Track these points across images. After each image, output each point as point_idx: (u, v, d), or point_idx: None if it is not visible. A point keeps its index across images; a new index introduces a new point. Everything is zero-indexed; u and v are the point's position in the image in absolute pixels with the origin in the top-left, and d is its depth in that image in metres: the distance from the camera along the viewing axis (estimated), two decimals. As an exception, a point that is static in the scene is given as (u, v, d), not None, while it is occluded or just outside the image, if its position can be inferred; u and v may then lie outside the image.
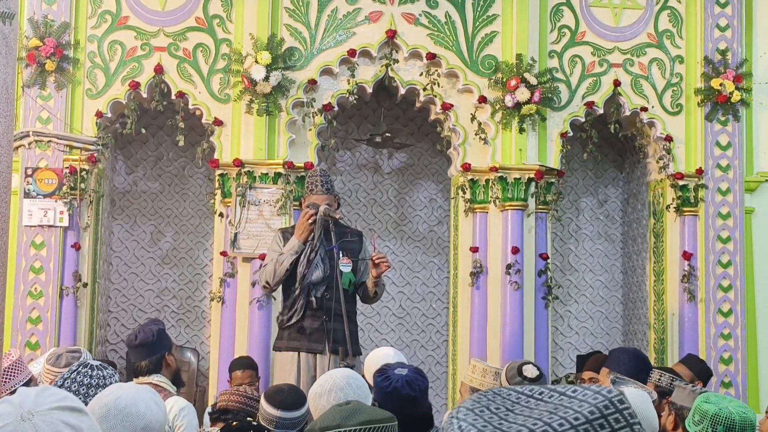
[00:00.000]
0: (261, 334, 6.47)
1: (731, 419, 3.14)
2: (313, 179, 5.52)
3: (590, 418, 1.18)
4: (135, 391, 2.63)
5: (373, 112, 7.85)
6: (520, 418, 1.19)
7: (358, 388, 3.39)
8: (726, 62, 7.09)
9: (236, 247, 6.58)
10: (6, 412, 1.69)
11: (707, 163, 7.08)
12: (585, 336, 8.02)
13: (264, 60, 6.51)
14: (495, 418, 1.20)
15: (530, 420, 1.18)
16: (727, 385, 6.96)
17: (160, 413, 2.64)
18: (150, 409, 2.59)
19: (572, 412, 1.19)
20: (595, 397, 1.21)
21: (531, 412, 1.20)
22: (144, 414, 2.56)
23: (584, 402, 1.20)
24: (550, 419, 1.17)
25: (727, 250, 7.04)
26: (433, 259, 8.01)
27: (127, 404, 2.54)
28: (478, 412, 1.22)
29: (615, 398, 1.21)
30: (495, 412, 1.22)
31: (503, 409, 1.22)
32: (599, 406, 1.19)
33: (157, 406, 2.63)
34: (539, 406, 1.21)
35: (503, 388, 1.28)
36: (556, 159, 6.94)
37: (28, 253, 6.45)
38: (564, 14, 7.07)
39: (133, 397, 2.59)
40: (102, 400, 2.56)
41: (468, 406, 1.23)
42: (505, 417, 1.20)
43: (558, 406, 1.20)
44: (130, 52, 6.68)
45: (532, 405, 1.22)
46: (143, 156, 7.77)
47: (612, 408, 1.19)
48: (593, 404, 1.19)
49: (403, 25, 6.87)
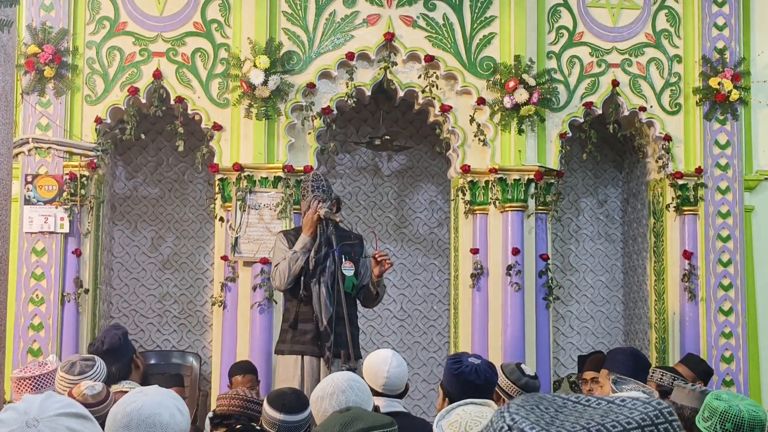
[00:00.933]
0: (263, 337, 6.48)
1: (740, 417, 3.12)
2: (311, 184, 5.56)
3: (642, 424, 1.21)
4: (159, 399, 2.53)
5: (372, 115, 7.86)
6: (571, 417, 1.21)
7: (360, 391, 3.40)
8: (724, 61, 7.10)
9: (237, 251, 6.59)
10: (11, 419, 1.70)
11: (706, 162, 7.09)
12: (586, 336, 8.02)
13: (262, 64, 6.52)
14: (546, 415, 1.23)
15: (582, 419, 1.21)
16: (729, 384, 6.97)
17: (183, 421, 2.55)
18: (174, 418, 2.50)
19: (624, 416, 1.21)
20: (645, 407, 1.24)
21: (581, 414, 1.23)
22: (168, 424, 2.47)
23: (635, 410, 1.23)
24: (603, 420, 1.20)
25: (727, 249, 7.05)
26: (433, 261, 8.02)
27: (150, 414, 2.45)
28: (529, 409, 1.24)
29: (665, 410, 1.23)
30: (545, 410, 1.24)
31: (552, 410, 1.24)
32: (650, 415, 1.22)
33: (180, 414, 2.54)
34: (587, 411, 1.24)
35: (547, 394, 1.30)
36: (556, 160, 6.95)
37: (29, 260, 6.45)
38: (562, 15, 7.08)
39: (157, 406, 2.49)
40: (125, 408, 2.47)
41: (518, 403, 1.25)
42: (556, 416, 1.23)
43: (608, 411, 1.23)
44: (129, 57, 6.69)
45: (580, 409, 1.24)
46: (143, 161, 7.78)
47: (662, 418, 1.22)
48: (644, 412, 1.22)
49: (401, 28, 6.88)
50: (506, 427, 1.20)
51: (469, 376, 3.52)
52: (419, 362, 7.91)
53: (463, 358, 3.64)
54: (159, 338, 7.68)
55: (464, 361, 3.60)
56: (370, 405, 3.40)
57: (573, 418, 1.22)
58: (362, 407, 3.29)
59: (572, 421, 1.21)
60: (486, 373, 3.57)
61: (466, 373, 3.53)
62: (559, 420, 1.21)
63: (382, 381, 4.01)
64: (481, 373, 3.55)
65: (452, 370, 3.59)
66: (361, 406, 3.28)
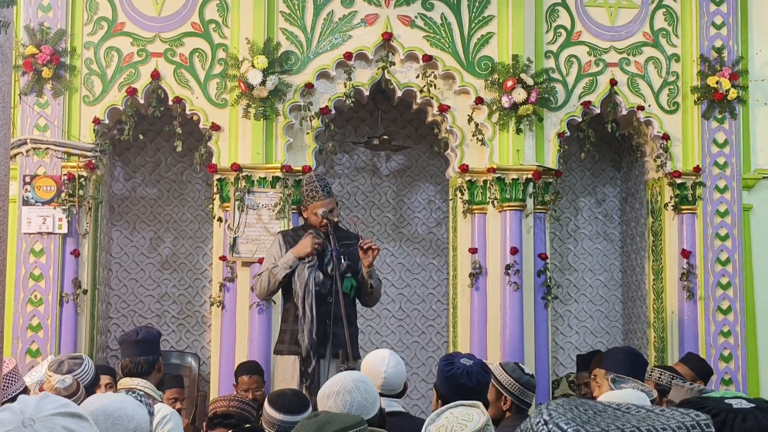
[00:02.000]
0: (261, 338, 6.48)
1: None
2: (312, 186, 5.55)
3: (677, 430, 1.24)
4: (118, 397, 2.71)
5: (370, 115, 7.86)
6: (609, 420, 1.25)
7: (366, 392, 3.40)
8: (722, 60, 7.10)
9: (235, 251, 6.59)
10: (7, 419, 1.70)
11: (705, 160, 7.09)
12: (585, 335, 8.02)
13: (260, 64, 6.52)
14: (583, 415, 1.26)
15: (619, 422, 1.24)
16: (728, 383, 6.97)
17: (145, 414, 2.70)
18: (137, 411, 2.64)
19: (660, 423, 1.24)
20: (683, 417, 1.27)
21: (618, 419, 1.26)
22: (133, 416, 2.60)
23: (672, 419, 1.26)
24: (639, 424, 1.23)
25: (725, 248, 7.05)
26: (432, 261, 8.02)
27: (115, 409, 2.59)
28: (567, 408, 1.27)
29: (702, 421, 1.27)
30: (583, 411, 1.28)
31: (591, 412, 1.28)
32: (687, 424, 1.25)
33: (141, 408, 2.70)
34: (625, 416, 1.27)
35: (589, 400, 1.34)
36: (554, 159, 6.95)
37: (27, 261, 6.45)
38: (559, 14, 7.08)
39: (119, 401, 2.66)
40: (88, 408, 2.58)
41: (557, 402, 1.29)
42: (593, 417, 1.26)
43: (645, 417, 1.26)
44: (127, 58, 6.68)
45: (618, 415, 1.28)
46: (141, 162, 7.77)
47: (698, 429, 1.25)
48: (680, 421, 1.25)
49: (399, 28, 6.88)
50: (542, 422, 1.24)
51: (460, 379, 3.52)
52: (418, 362, 7.91)
53: (455, 360, 3.64)
54: (158, 339, 7.67)
55: (456, 363, 3.60)
56: (376, 407, 3.39)
57: (610, 420, 1.25)
58: (368, 408, 3.29)
59: (608, 422, 1.24)
60: (478, 375, 3.57)
61: (457, 375, 3.53)
62: (595, 421, 1.24)
63: (379, 381, 4.01)
64: (473, 375, 3.55)
65: (444, 372, 3.59)
66: (366, 407, 3.28)
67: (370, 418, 3.26)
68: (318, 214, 5.44)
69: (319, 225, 5.49)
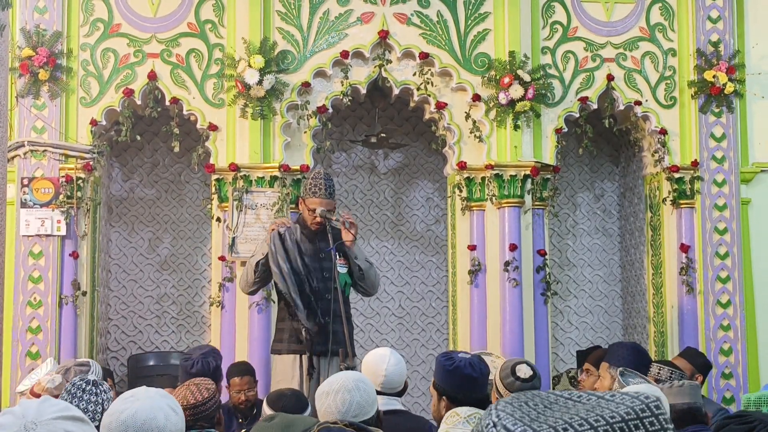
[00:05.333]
0: (261, 337, 6.48)
1: None
2: (317, 182, 5.40)
3: (626, 418, 1.22)
4: (151, 402, 2.53)
5: (367, 113, 7.86)
6: (558, 414, 1.23)
7: (365, 392, 3.40)
8: (719, 54, 7.11)
9: (234, 251, 6.59)
10: (9, 423, 1.70)
11: (702, 155, 7.09)
12: (585, 331, 8.03)
13: (257, 64, 6.52)
14: (533, 411, 1.25)
15: (568, 415, 1.23)
16: (728, 377, 6.98)
17: (179, 420, 2.56)
18: (169, 419, 2.51)
19: (609, 411, 1.23)
20: (632, 401, 1.25)
21: (569, 410, 1.24)
22: (164, 426, 2.48)
23: (621, 404, 1.24)
24: (587, 415, 1.22)
25: (724, 242, 7.05)
26: (431, 258, 8.02)
27: (146, 419, 2.45)
28: (517, 406, 1.26)
29: (652, 403, 1.25)
30: (533, 407, 1.26)
31: (541, 407, 1.26)
32: (636, 409, 1.23)
33: (174, 413, 2.55)
34: (576, 406, 1.25)
35: (542, 391, 1.33)
36: (552, 155, 6.95)
37: (26, 263, 6.45)
38: (555, 10, 7.08)
39: (151, 410, 2.49)
40: (119, 417, 2.46)
41: (507, 401, 1.28)
42: (543, 412, 1.25)
43: (595, 406, 1.24)
44: (123, 59, 6.68)
45: (569, 405, 1.26)
46: (139, 163, 7.77)
47: (648, 412, 1.23)
48: (630, 406, 1.23)
49: (395, 26, 6.88)
50: (491, 424, 1.23)
51: (464, 370, 3.52)
52: (418, 359, 7.91)
53: (454, 355, 3.66)
54: (157, 339, 7.68)
55: (456, 358, 3.61)
56: (373, 407, 3.40)
57: (559, 414, 1.23)
58: (366, 408, 3.30)
59: (557, 416, 1.23)
60: (480, 366, 3.58)
61: (462, 367, 3.53)
62: (544, 416, 1.23)
63: (380, 379, 4.01)
64: (476, 366, 3.56)
65: (446, 367, 3.58)
66: (364, 407, 3.29)
67: (367, 419, 3.27)
68: (317, 213, 5.41)
69: (311, 222, 5.43)
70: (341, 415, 3.26)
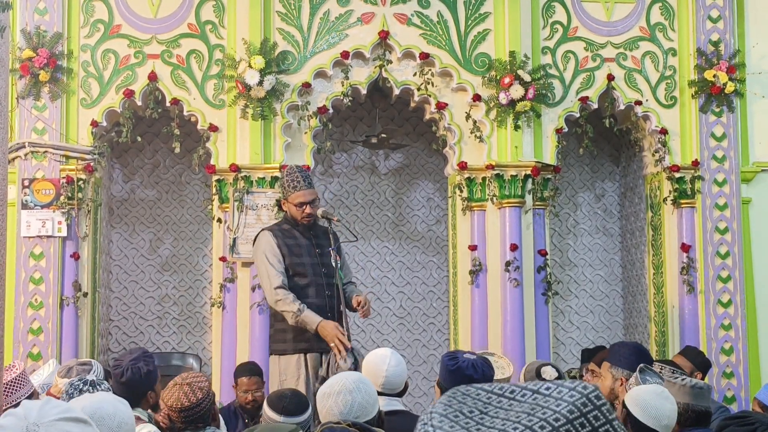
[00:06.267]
0: (262, 338, 6.46)
1: None
2: (293, 176, 5.42)
3: (570, 417, 1.15)
4: (97, 397, 2.66)
5: (368, 114, 7.86)
6: (497, 422, 1.16)
7: (366, 393, 3.41)
8: (719, 53, 7.10)
9: (235, 252, 6.58)
10: (11, 425, 1.70)
11: (703, 154, 7.09)
12: (586, 331, 8.03)
13: (257, 64, 6.52)
14: (471, 422, 1.17)
15: (509, 423, 1.15)
16: (729, 376, 6.98)
17: (127, 409, 2.67)
18: (117, 408, 2.63)
19: (551, 412, 1.15)
20: (571, 395, 1.17)
21: (507, 414, 1.17)
22: (114, 414, 2.59)
23: (561, 400, 1.16)
24: (530, 421, 1.14)
25: (725, 241, 7.05)
26: (432, 259, 8.02)
27: (94, 410, 2.57)
28: (453, 418, 1.18)
29: (591, 394, 1.17)
30: (469, 416, 1.18)
31: (477, 412, 1.18)
32: (577, 404, 1.16)
33: (121, 403, 2.68)
34: (514, 407, 1.18)
35: (471, 386, 1.24)
36: (552, 155, 6.95)
37: (27, 264, 6.45)
38: (556, 10, 7.08)
39: (98, 401, 2.63)
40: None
41: (441, 412, 1.20)
42: (480, 421, 1.17)
43: (534, 405, 1.17)
44: (124, 60, 6.68)
45: (505, 405, 1.18)
46: (140, 164, 7.77)
47: (590, 405, 1.16)
48: (571, 402, 1.16)
49: (396, 26, 6.88)
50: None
51: (466, 371, 3.54)
52: (419, 360, 7.91)
53: (459, 355, 3.68)
54: (159, 340, 7.68)
55: (460, 358, 3.63)
56: (375, 408, 3.40)
57: (499, 421, 1.16)
58: (368, 409, 3.30)
59: (499, 427, 1.15)
60: (483, 368, 3.59)
61: (463, 368, 3.54)
62: (484, 426, 1.16)
63: (381, 380, 4.01)
64: (478, 367, 3.57)
65: (449, 366, 3.61)
66: (366, 408, 3.30)
67: (369, 419, 3.28)
68: (319, 214, 5.43)
69: (300, 217, 5.43)
70: (343, 416, 3.26)
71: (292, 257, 5.39)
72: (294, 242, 5.45)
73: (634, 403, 3.54)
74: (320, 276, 5.38)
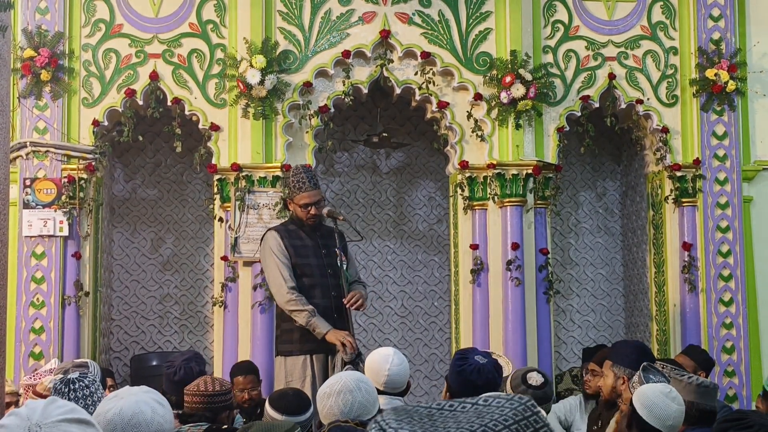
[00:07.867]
0: (264, 337, 6.48)
1: None
2: (299, 177, 5.40)
3: (516, 418, 1.27)
4: (135, 398, 2.53)
5: (369, 113, 7.86)
6: (450, 422, 1.26)
7: (367, 392, 3.41)
8: (720, 52, 7.10)
9: (237, 251, 6.59)
10: (14, 425, 1.70)
11: (704, 153, 7.09)
12: (588, 329, 8.03)
13: (259, 64, 6.52)
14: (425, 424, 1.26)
15: (461, 423, 1.25)
16: (731, 375, 6.98)
17: (166, 412, 2.57)
18: (156, 412, 2.51)
19: (498, 415, 1.27)
20: (511, 404, 1.29)
21: (456, 418, 1.27)
22: (152, 420, 2.49)
23: (503, 408, 1.29)
24: (482, 421, 1.25)
25: (726, 240, 7.05)
26: (433, 258, 8.02)
27: (132, 414, 2.47)
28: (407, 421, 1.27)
29: (528, 403, 1.30)
30: (419, 421, 1.28)
31: (426, 419, 1.28)
32: (518, 410, 1.28)
33: (161, 406, 2.56)
34: (457, 416, 1.28)
35: (409, 405, 1.34)
36: (554, 154, 6.95)
37: (29, 264, 6.46)
38: (557, 9, 7.07)
39: (136, 404, 2.50)
40: (105, 416, 2.47)
41: (394, 417, 1.29)
42: (432, 424, 1.27)
43: (478, 414, 1.28)
44: (125, 59, 6.68)
45: (449, 416, 1.29)
46: (141, 163, 7.78)
47: (529, 411, 1.29)
48: (512, 409, 1.28)
49: (397, 25, 6.88)
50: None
51: (470, 375, 3.53)
52: (421, 359, 7.92)
53: (470, 356, 3.65)
54: (160, 339, 7.69)
55: (469, 359, 3.61)
56: (375, 407, 3.40)
57: (452, 422, 1.26)
58: (368, 408, 3.31)
59: (451, 425, 1.25)
60: (488, 374, 3.56)
61: (468, 372, 3.54)
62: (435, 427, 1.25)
63: (383, 379, 4.01)
64: (483, 373, 3.55)
65: (456, 366, 3.61)
66: (367, 407, 3.30)
67: (370, 418, 3.28)
68: (325, 213, 5.44)
69: (306, 217, 5.43)
70: (344, 416, 3.27)
71: (299, 258, 5.39)
72: (300, 243, 5.45)
73: (640, 402, 3.54)
74: (326, 277, 5.38)
